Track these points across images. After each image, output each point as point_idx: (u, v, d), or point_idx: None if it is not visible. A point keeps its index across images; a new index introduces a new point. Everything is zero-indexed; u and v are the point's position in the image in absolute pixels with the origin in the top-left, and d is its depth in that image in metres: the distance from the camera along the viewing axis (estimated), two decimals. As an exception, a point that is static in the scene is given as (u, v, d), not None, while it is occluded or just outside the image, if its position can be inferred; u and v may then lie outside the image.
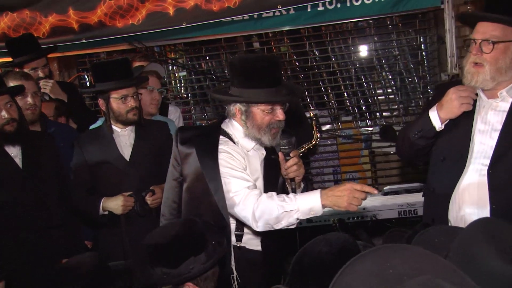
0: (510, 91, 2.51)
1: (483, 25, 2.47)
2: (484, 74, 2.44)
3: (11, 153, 3.20)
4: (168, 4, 4.54)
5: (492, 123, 2.51)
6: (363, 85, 5.40)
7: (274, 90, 2.52)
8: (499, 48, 2.42)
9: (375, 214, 3.60)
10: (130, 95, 3.21)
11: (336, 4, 4.44)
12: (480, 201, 2.46)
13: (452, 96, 2.48)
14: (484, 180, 2.47)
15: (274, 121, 2.55)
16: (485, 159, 2.49)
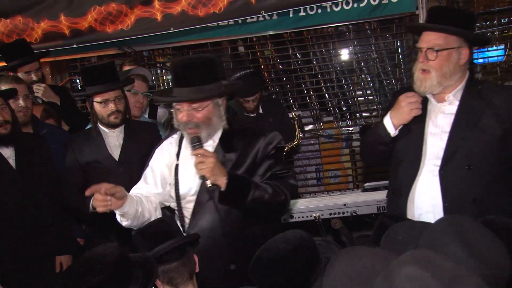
0: (457, 94, 2.58)
1: (428, 34, 2.56)
2: (431, 79, 2.52)
3: (4, 154, 3.19)
4: (156, 10, 4.53)
5: (442, 125, 2.59)
6: (344, 87, 5.44)
7: (183, 90, 2.45)
8: (442, 55, 2.51)
9: (355, 210, 3.61)
10: (111, 99, 3.17)
11: (317, 9, 4.46)
12: (434, 200, 2.51)
13: (402, 104, 2.58)
14: (436, 181, 2.53)
15: (182, 122, 2.50)
16: (437, 160, 2.55)
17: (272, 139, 2.63)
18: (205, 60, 2.52)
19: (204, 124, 2.50)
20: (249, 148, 2.59)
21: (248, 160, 2.58)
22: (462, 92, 2.58)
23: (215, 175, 2.39)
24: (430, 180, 2.55)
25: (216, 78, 2.51)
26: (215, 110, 2.53)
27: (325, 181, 5.62)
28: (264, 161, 2.59)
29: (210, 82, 2.47)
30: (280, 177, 2.60)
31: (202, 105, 2.48)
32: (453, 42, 2.52)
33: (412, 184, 2.59)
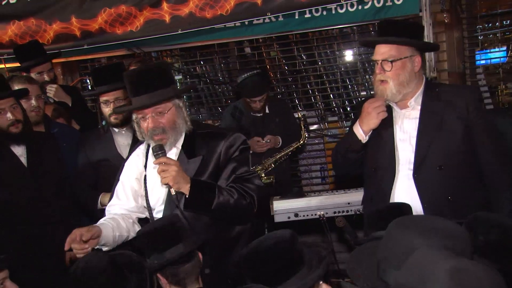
0: (417, 99, 2.65)
1: (380, 47, 2.64)
2: (390, 88, 2.60)
3: (16, 152, 3.20)
4: (164, 12, 4.53)
5: (409, 131, 2.65)
6: (348, 87, 5.41)
7: (142, 98, 2.41)
8: (397, 65, 2.58)
9: (359, 209, 3.58)
10: (110, 100, 3.19)
11: (322, 11, 4.44)
12: (413, 203, 2.51)
13: (368, 110, 2.64)
14: (412, 184, 2.59)
15: (149, 128, 2.45)
16: (410, 165, 2.61)
17: (234, 141, 2.58)
18: (156, 67, 2.53)
19: (170, 128, 2.47)
20: (211, 152, 2.54)
21: (211, 165, 2.54)
22: (422, 97, 2.65)
23: (178, 183, 2.37)
24: (406, 184, 2.61)
25: (171, 82, 2.50)
26: (178, 113, 2.51)
27: (330, 180, 5.58)
28: (228, 164, 2.56)
29: (166, 86, 2.45)
30: (245, 179, 2.56)
31: (166, 108, 2.46)
32: (405, 51, 2.60)
33: (390, 190, 2.64)
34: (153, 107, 2.43)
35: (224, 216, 2.53)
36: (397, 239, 1.42)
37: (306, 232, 4.60)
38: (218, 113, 5.53)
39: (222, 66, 5.56)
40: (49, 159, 3.29)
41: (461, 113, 2.57)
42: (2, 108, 3.10)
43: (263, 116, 4.32)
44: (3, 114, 3.10)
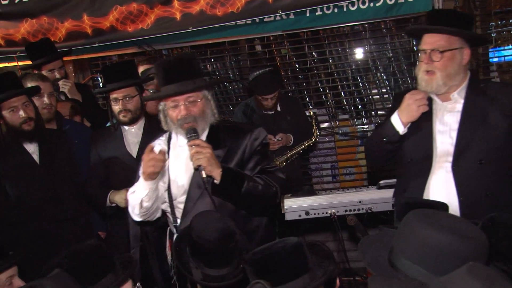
0: (461, 93, 2.60)
1: (430, 36, 2.57)
2: (437, 80, 2.54)
3: (29, 149, 3.22)
4: (175, 9, 4.53)
5: (449, 123, 2.60)
6: (359, 86, 5.37)
7: (176, 85, 2.45)
8: (446, 56, 2.52)
9: (370, 207, 3.56)
10: (119, 98, 3.20)
11: (334, 9, 4.41)
12: (448, 196, 2.51)
13: (409, 101, 2.58)
14: (450, 177, 2.54)
15: (180, 117, 2.49)
16: (448, 157, 2.56)
17: (258, 135, 2.64)
18: (188, 58, 2.56)
19: (200, 117, 2.52)
20: (237, 144, 2.58)
21: (236, 157, 2.58)
22: (465, 91, 2.60)
23: (211, 165, 2.38)
24: (443, 176, 2.56)
25: (201, 73, 2.57)
26: (207, 104, 2.56)
27: (340, 178, 5.57)
28: (252, 156, 2.60)
29: (197, 77, 2.51)
30: (269, 171, 2.61)
31: (197, 97, 2.50)
32: (455, 42, 2.54)
33: (425, 182, 2.59)
34: (186, 96, 2.48)
35: (250, 204, 2.56)
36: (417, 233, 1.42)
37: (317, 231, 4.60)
38: (228, 111, 5.52)
39: (233, 64, 5.56)
40: (61, 156, 3.31)
41: (506, 110, 2.51)
42: (14, 106, 3.12)
43: (274, 114, 4.31)
44: (15, 112, 3.13)
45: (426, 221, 1.44)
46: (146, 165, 2.36)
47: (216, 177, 2.41)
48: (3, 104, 3.11)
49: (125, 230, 3.24)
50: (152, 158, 2.35)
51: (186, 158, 2.57)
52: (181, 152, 2.62)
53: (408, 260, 1.43)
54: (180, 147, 2.63)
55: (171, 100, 2.50)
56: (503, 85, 3.14)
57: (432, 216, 1.48)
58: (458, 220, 1.48)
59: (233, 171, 2.48)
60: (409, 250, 1.44)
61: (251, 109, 4.31)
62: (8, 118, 3.13)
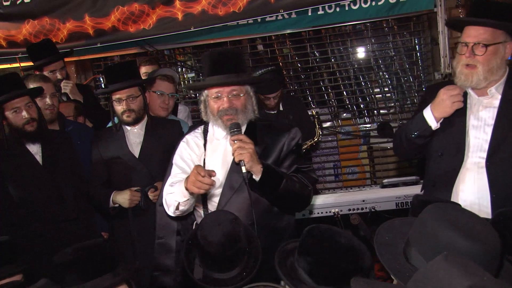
0: (499, 88, 2.52)
1: (473, 28, 2.47)
2: (478, 74, 2.46)
3: (32, 150, 3.21)
4: (177, 10, 4.54)
5: (484, 118, 2.53)
6: (361, 85, 5.38)
7: (221, 77, 2.46)
8: (490, 50, 2.44)
9: (374, 206, 3.57)
10: (123, 98, 3.20)
11: (335, 8, 4.42)
12: (480, 191, 2.48)
13: (444, 97, 2.50)
14: (482, 172, 2.48)
15: (222, 109, 2.49)
16: (481, 152, 2.50)
17: (295, 135, 2.65)
18: (237, 52, 2.59)
19: (242, 111, 2.52)
20: (275, 142, 2.59)
21: (273, 154, 2.58)
22: (504, 86, 2.52)
23: (253, 161, 2.38)
24: (475, 172, 2.50)
25: (246, 69, 2.58)
26: (250, 100, 2.57)
27: (343, 177, 5.57)
28: (289, 155, 2.61)
29: (243, 71, 2.53)
30: (303, 171, 2.62)
31: (241, 91, 2.51)
32: (500, 36, 2.46)
33: (456, 177, 2.54)
34: (230, 88, 2.49)
35: (286, 201, 2.56)
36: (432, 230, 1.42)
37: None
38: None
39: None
40: (64, 157, 3.31)
41: None
42: (17, 107, 3.12)
43: (277, 113, 4.31)
44: (18, 113, 3.12)
45: (442, 218, 1.43)
46: (193, 183, 2.27)
47: (256, 173, 2.42)
48: (6, 105, 3.11)
49: (128, 231, 3.27)
50: (200, 180, 2.26)
51: (223, 152, 2.59)
52: (218, 145, 2.62)
53: (420, 255, 1.43)
54: (217, 141, 2.63)
55: (215, 90, 2.51)
56: None
57: (449, 214, 1.47)
58: (474, 220, 1.46)
59: (273, 168, 2.49)
60: (422, 245, 1.44)
61: None
62: (11, 119, 3.13)
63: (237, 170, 2.49)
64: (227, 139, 2.56)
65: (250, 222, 2.48)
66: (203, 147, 2.63)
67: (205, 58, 2.56)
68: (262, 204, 2.54)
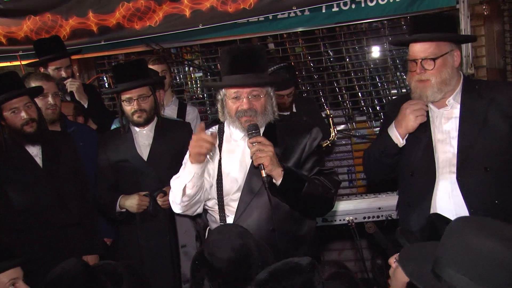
0: (456, 97, 2.59)
1: (418, 45, 2.57)
2: (432, 87, 2.54)
3: (31, 152, 3.20)
4: (184, 6, 4.52)
5: (448, 131, 2.59)
6: (377, 85, 5.32)
7: (240, 76, 2.43)
8: (439, 62, 2.52)
9: (390, 214, 3.51)
10: (134, 97, 3.18)
11: (351, 5, 4.39)
12: (457, 208, 2.50)
13: (406, 111, 2.59)
14: (456, 187, 2.52)
15: (240, 110, 2.46)
16: (451, 167, 2.54)
17: (316, 135, 2.62)
18: (259, 49, 2.53)
19: (261, 113, 2.49)
20: (295, 143, 2.56)
21: (295, 156, 2.56)
22: (461, 95, 2.59)
23: (273, 165, 2.34)
24: (449, 188, 2.54)
25: (267, 68, 2.57)
26: (269, 101, 2.54)
27: (358, 183, 5.50)
28: (310, 157, 2.59)
29: (264, 71, 2.51)
30: (327, 173, 2.59)
31: (261, 92, 2.48)
32: (445, 47, 2.55)
33: (430, 195, 2.57)
34: (250, 89, 2.45)
35: (308, 206, 2.54)
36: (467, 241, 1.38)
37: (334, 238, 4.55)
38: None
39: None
40: (66, 159, 3.29)
41: (506, 111, 2.50)
42: (16, 107, 3.10)
43: (290, 114, 4.27)
44: (17, 113, 3.11)
45: (475, 228, 1.39)
46: (193, 145, 2.32)
47: (276, 177, 2.38)
48: (4, 105, 3.09)
49: (134, 237, 3.24)
50: (200, 138, 2.29)
51: (241, 154, 2.56)
52: (236, 147, 2.60)
53: (454, 270, 1.38)
54: (234, 142, 2.60)
55: (233, 90, 2.47)
56: (498, 84, 3.12)
57: (481, 223, 1.43)
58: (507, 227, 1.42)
59: (294, 171, 2.45)
60: (456, 259, 1.39)
61: None
62: (9, 119, 3.11)
63: (257, 173, 2.46)
64: (245, 140, 2.53)
65: (271, 228, 2.46)
66: (217, 147, 2.58)
67: (225, 54, 2.51)
68: (283, 209, 2.51)
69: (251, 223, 2.47)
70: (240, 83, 2.44)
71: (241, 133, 2.54)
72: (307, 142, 2.57)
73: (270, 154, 2.33)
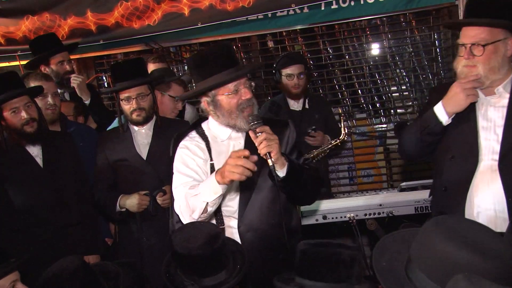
0: (507, 87, 2.50)
1: (470, 29, 2.47)
2: (478, 73, 2.45)
3: (32, 152, 3.20)
4: (183, 4, 4.53)
5: (493, 119, 2.51)
6: (377, 83, 5.34)
7: (231, 70, 2.43)
8: (489, 49, 2.43)
9: (391, 211, 3.53)
10: (133, 96, 3.19)
11: (350, 2, 4.40)
12: (495, 196, 2.43)
13: (457, 90, 2.47)
14: (496, 176, 2.45)
15: (242, 101, 2.45)
16: (493, 155, 2.47)
17: (294, 128, 2.66)
18: (228, 45, 2.56)
19: (255, 103, 2.51)
20: (280, 136, 2.52)
21: (281, 148, 2.53)
22: (511, 85, 2.50)
23: (279, 153, 2.35)
24: (489, 175, 2.46)
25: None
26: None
27: (358, 181, 5.52)
28: (294, 149, 2.62)
29: (239, 63, 2.52)
30: (309, 164, 2.65)
31: (251, 84, 2.50)
32: (498, 34, 2.43)
33: (470, 181, 2.49)
34: (245, 79, 2.47)
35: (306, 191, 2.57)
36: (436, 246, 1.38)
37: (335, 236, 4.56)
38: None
39: (244, 61, 5.53)
40: (66, 159, 3.30)
41: None
42: (16, 107, 3.10)
43: (302, 111, 4.28)
44: (17, 113, 3.11)
45: (447, 233, 1.39)
46: (232, 168, 2.20)
47: (280, 166, 2.38)
48: (4, 105, 3.09)
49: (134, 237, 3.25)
50: (244, 164, 2.19)
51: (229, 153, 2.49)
52: (224, 147, 2.58)
53: (424, 274, 1.38)
54: (221, 142, 2.58)
55: (232, 85, 2.45)
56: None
57: (454, 227, 1.42)
58: (483, 234, 1.41)
59: (293, 160, 2.49)
60: (426, 263, 1.39)
61: (277, 106, 4.26)
62: (9, 119, 3.11)
63: None
64: (230, 139, 2.56)
65: (273, 221, 2.49)
66: (206, 150, 2.57)
67: (199, 59, 2.51)
68: (282, 200, 2.52)
69: (254, 219, 2.49)
70: (237, 75, 2.43)
71: (228, 132, 2.54)
72: (289, 135, 2.60)
73: (277, 142, 2.34)
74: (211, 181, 2.28)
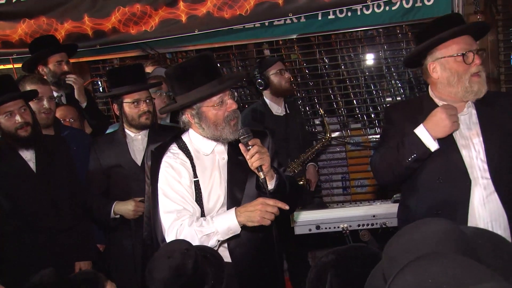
0: (471, 102, 2.54)
1: (465, 37, 2.47)
2: (483, 83, 2.46)
3: (25, 157, 3.19)
4: (180, 11, 4.54)
5: (468, 136, 2.51)
6: (373, 93, 5.34)
7: (215, 82, 2.42)
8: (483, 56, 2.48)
9: (385, 222, 3.52)
10: (142, 99, 3.20)
11: (347, 12, 4.42)
12: (492, 215, 2.44)
13: (442, 116, 2.40)
14: (491, 194, 2.45)
15: (229, 113, 2.44)
16: (483, 172, 2.46)
17: (271, 139, 2.69)
18: (209, 56, 2.53)
19: (239, 115, 2.52)
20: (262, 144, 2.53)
21: None
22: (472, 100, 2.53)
23: (269, 166, 2.37)
24: (482, 193, 2.46)
25: None
26: None
27: (352, 191, 5.52)
28: (273, 159, 2.60)
29: (221, 74, 2.51)
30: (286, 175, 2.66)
31: (235, 94, 2.51)
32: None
33: (467, 202, 2.46)
34: (228, 91, 2.47)
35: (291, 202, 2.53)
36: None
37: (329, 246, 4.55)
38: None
39: (240, 69, 5.54)
40: (59, 164, 3.29)
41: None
42: (10, 111, 3.09)
43: (285, 115, 4.30)
44: (11, 117, 3.10)
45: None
46: (265, 215, 2.27)
47: (269, 179, 2.40)
48: (-2, 109, 3.09)
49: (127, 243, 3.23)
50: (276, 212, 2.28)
51: (216, 167, 2.54)
52: (207, 161, 2.55)
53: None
54: (205, 156, 2.55)
55: (216, 97, 2.43)
56: (499, 94, 3.13)
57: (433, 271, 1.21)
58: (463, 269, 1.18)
59: (280, 171, 2.51)
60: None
61: (260, 113, 4.26)
62: (3, 123, 3.10)
63: (236, 182, 2.50)
64: (218, 154, 2.55)
65: (262, 235, 2.50)
66: (191, 168, 2.52)
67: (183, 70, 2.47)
68: None
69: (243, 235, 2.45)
70: (224, 87, 2.42)
71: (211, 145, 2.52)
72: (269, 145, 2.60)
73: (268, 155, 2.36)
74: (230, 221, 2.31)
